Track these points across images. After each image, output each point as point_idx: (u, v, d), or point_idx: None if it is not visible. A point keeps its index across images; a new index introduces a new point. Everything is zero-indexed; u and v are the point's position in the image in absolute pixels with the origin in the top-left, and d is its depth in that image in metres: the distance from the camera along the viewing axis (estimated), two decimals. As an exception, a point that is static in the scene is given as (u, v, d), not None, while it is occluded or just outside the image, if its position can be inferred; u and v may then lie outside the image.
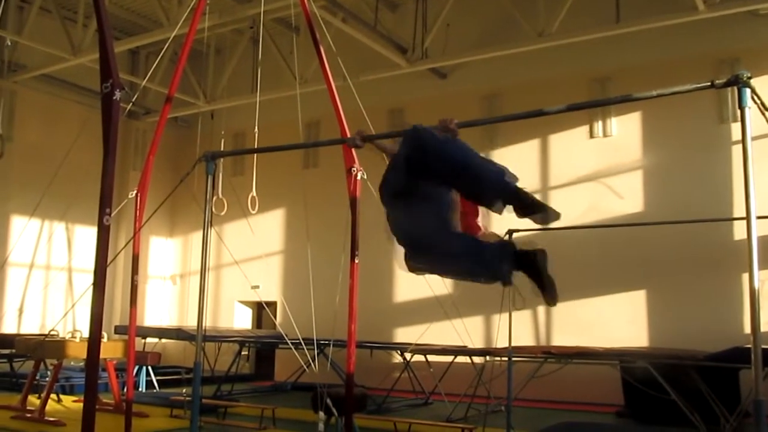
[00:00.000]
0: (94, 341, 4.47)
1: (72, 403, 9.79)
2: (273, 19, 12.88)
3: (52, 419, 8.13)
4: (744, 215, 3.08)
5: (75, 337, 8.88)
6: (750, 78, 3.06)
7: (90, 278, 4.65)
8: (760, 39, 10.68)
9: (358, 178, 6.49)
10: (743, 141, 3.08)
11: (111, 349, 8.96)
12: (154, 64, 9.20)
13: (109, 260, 4.65)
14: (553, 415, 9.65)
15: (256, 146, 8.84)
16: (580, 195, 11.66)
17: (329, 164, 13.42)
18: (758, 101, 3.17)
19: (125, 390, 7.38)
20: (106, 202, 4.59)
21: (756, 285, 2.97)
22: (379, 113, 12.45)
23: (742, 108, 3.08)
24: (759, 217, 3.12)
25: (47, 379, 9.26)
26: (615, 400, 10.05)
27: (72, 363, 11.82)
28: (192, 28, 7.40)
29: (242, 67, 14.07)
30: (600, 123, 11.80)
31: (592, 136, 11.90)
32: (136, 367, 10.82)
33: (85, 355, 4.71)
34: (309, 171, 14.31)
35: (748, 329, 10.05)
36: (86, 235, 13.78)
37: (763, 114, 3.25)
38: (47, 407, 8.43)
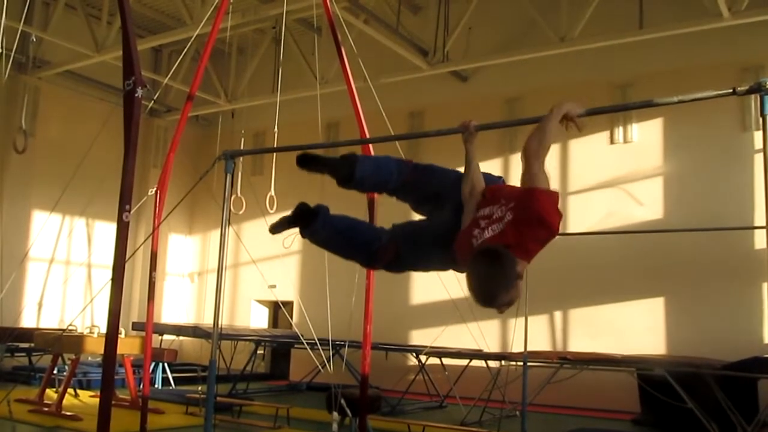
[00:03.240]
0: (111, 337, 4.51)
1: (89, 398, 9.87)
2: (295, 20, 12.94)
3: (69, 413, 8.19)
4: (764, 224, 3.06)
5: (93, 333, 8.96)
6: (773, 86, 3.04)
7: (109, 274, 4.69)
8: (786, 46, 10.56)
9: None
10: (764, 148, 3.06)
11: (128, 345, 9.03)
12: (177, 63, 9.27)
13: (127, 256, 4.68)
14: (569, 421, 9.61)
15: (275, 146, 8.89)
16: (599, 201, 11.60)
17: (348, 165, 13.41)
18: (781, 109, 3.15)
19: (141, 386, 7.43)
20: (126, 199, 4.63)
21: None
22: (400, 116, 12.48)
23: (764, 115, 3.06)
24: (779, 227, 3.09)
25: (65, 373, 9.34)
26: (631, 407, 9.98)
27: (89, 358, 11.94)
28: (215, 27, 7.44)
29: (264, 67, 14.13)
30: (621, 129, 11.73)
31: (612, 141, 11.83)
32: (153, 364, 10.89)
33: (102, 351, 4.75)
34: (328, 171, 14.32)
35: (767, 339, 10.00)
36: (106, 231, 13.89)
37: (785, 122, 3.22)
38: (64, 401, 8.49)
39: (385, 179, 3.90)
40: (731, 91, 3.21)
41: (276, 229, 4.04)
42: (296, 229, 3.98)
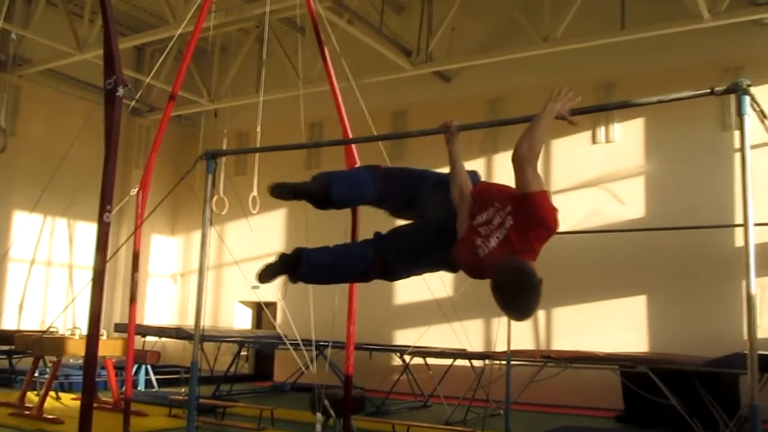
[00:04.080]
0: (92, 338, 4.48)
1: (71, 400, 9.79)
2: (279, 19, 12.88)
3: (50, 417, 8.12)
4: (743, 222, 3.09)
5: (74, 335, 8.88)
6: (750, 86, 3.07)
7: (90, 275, 4.65)
8: (765, 48, 10.66)
9: (360, 179, 6.47)
10: (742, 148, 3.10)
11: (110, 347, 8.97)
12: (159, 62, 9.21)
13: (109, 257, 4.65)
14: (552, 419, 9.65)
15: (258, 146, 8.86)
16: (582, 200, 11.64)
17: (331, 165, 13.29)
18: (758, 109, 3.18)
19: (124, 388, 7.39)
20: (107, 199, 4.60)
21: (753, 291, 2.97)
22: (383, 115, 12.47)
23: (741, 116, 3.09)
24: (757, 224, 3.12)
25: (46, 376, 9.26)
26: (614, 404, 10.03)
27: (71, 360, 11.84)
28: (198, 26, 7.41)
29: (247, 67, 14.08)
30: (603, 128, 11.79)
31: (594, 141, 11.89)
32: (135, 366, 10.83)
33: (84, 353, 4.71)
34: (311, 172, 14.18)
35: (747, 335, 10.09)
36: (88, 231, 13.78)
37: (762, 122, 3.25)
38: (46, 404, 8.42)
39: (361, 192, 3.94)
40: (709, 91, 3.24)
41: (263, 278, 4.04)
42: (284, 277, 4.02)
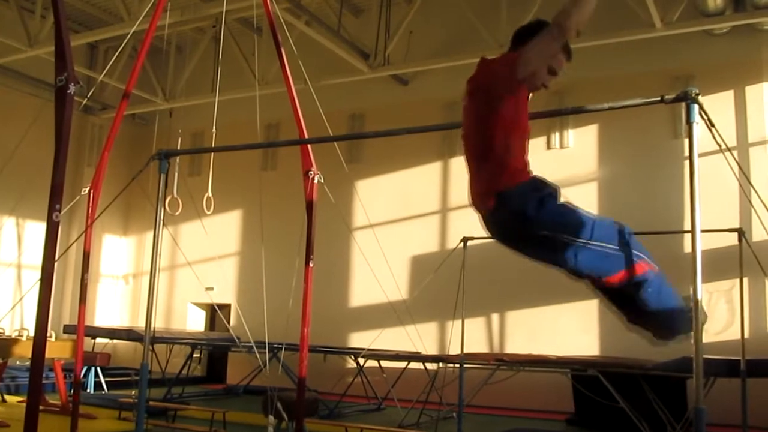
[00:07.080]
0: (39, 340, 4.39)
1: (17, 403, 9.56)
2: (236, 19, 12.81)
3: (-5, 419, 7.94)
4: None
5: (22, 336, 8.71)
6: (698, 94, 3.14)
7: (39, 275, 4.56)
8: (714, 58, 10.93)
9: (315, 181, 6.47)
10: (690, 155, 3.17)
11: (58, 349, 8.81)
12: (113, 59, 9.08)
13: (57, 257, 4.56)
14: (505, 421, 9.74)
15: (213, 146, 8.78)
16: (536, 205, 11.76)
17: (287, 167, 13.37)
18: (705, 117, 3.25)
19: (72, 391, 7.25)
20: (56, 198, 4.50)
21: (699, 296, 3.03)
22: (340, 118, 12.46)
23: (690, 123, 3.16)
24: (704, 231, 3.19)
25: (-8, 378, 9.06)
26: (566, 407, 10.16)
27: (18, 362, 11.58)
28: (152, 24, 7.32)
29: (203, 66, 13.95)
30: (557, 134, 11.94)
31: (549, 147, 12.04)
32: (85, 368, 10.63)
33: (31, 354, 4.62)
34: (267, 173, 14.22)
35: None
36: (37, 230, 13.48)
37: (710, 130, 3.33)
38: (-9, 407, 8.25)
39: None
40: (659, 99, 3.30)
41: None
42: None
